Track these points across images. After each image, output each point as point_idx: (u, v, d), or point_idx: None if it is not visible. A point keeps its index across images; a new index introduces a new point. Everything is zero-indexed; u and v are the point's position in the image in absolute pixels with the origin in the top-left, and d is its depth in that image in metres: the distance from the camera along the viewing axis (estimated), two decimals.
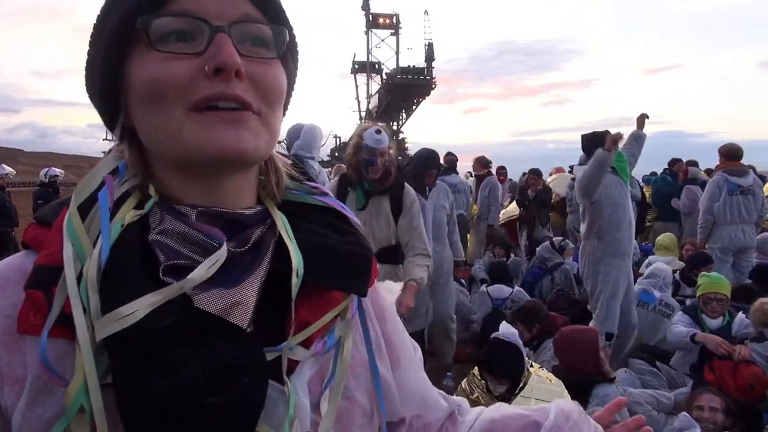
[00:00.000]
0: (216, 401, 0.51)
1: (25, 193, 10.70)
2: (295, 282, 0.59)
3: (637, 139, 4.86)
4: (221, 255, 0.56)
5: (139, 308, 0.51)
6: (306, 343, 0.60)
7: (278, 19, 0.61)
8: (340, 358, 0.64)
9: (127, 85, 0.58)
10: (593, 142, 4.61)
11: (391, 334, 0.76)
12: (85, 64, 0.62)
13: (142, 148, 0.61)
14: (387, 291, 0.79)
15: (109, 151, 0.66)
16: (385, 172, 3.06)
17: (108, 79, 0.59)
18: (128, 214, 0.57)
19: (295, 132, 4.18)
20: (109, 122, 0.64)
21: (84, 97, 0.64)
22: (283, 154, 0.72)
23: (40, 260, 0.56)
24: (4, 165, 8.72)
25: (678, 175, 8.34)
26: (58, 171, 9.93)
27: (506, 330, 3.09)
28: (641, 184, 9.26)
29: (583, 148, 4.76)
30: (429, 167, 4.42)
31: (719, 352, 3.58)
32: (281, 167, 0.69)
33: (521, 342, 3.12)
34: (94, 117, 0.65)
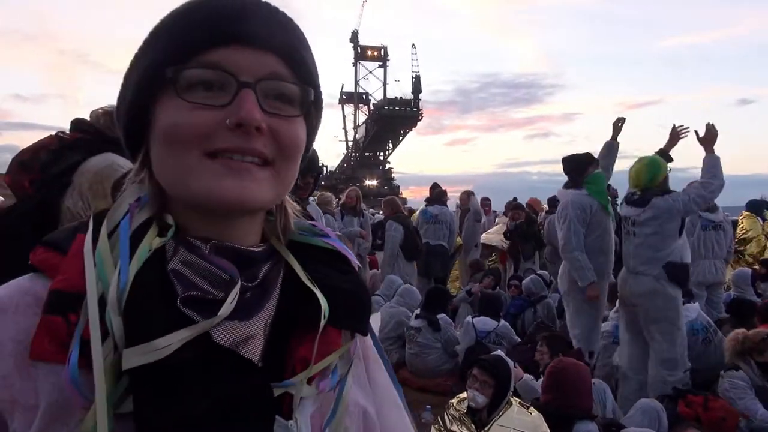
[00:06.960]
0: None
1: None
2: (322, 323, 0.62)
3: (609, 148, 4.74)
4: (237, 289, 0.58)
5: (172, 342, 0.52)
6: (308, 380, 0.62)
7: (306, 78, 0.63)
8: (341, 398, 0.66)
9: (151, 124, 0.61)
10: (575, 164, 4.72)
11: (376, 374, 0.77)
12: (118, 95, 0.65)
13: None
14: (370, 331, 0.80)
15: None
16: None
17: (132, 115, 0.62)
18: (154, 240, 0.59)
19: None
20: (132, 150, 0.66)
21: (66, 121, 0.68)
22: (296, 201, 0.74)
23: (56, 285, 0.56)
24: None
25: None
26: None
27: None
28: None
29: (565, 171, 4.78)
30: (309, 171, 2.92)
31: None
32: (290, 213, 0.71)
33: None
34: None
